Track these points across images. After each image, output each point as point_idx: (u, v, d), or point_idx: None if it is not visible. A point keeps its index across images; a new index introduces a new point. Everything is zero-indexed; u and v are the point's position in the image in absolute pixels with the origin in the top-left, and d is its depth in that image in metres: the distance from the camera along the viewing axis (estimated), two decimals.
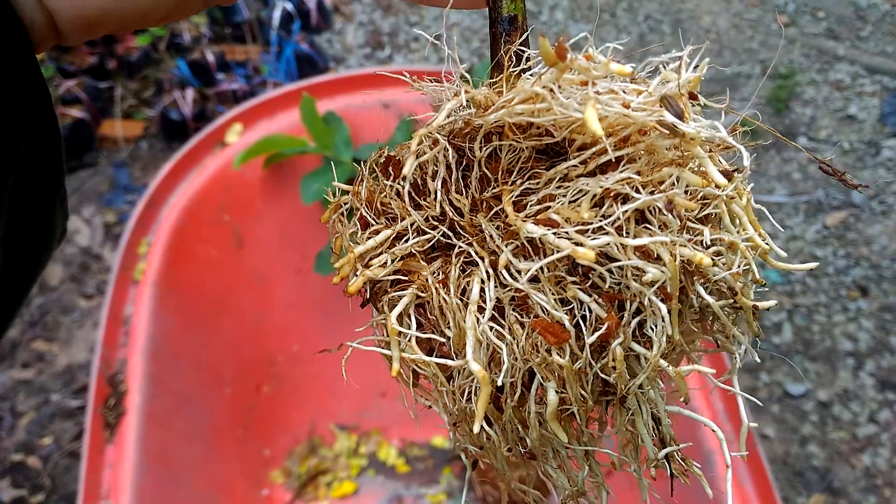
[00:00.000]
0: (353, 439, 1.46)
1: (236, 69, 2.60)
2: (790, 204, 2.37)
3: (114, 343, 1.21)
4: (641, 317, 0.35)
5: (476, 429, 0.35)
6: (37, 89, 0.35)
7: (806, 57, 2.86)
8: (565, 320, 0.34)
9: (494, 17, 0.39)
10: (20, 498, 1.73)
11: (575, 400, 0.36)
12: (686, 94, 0.36)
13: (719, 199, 0.36)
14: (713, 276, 0.36)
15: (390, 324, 0.36)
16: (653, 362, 0.35)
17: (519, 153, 0.36)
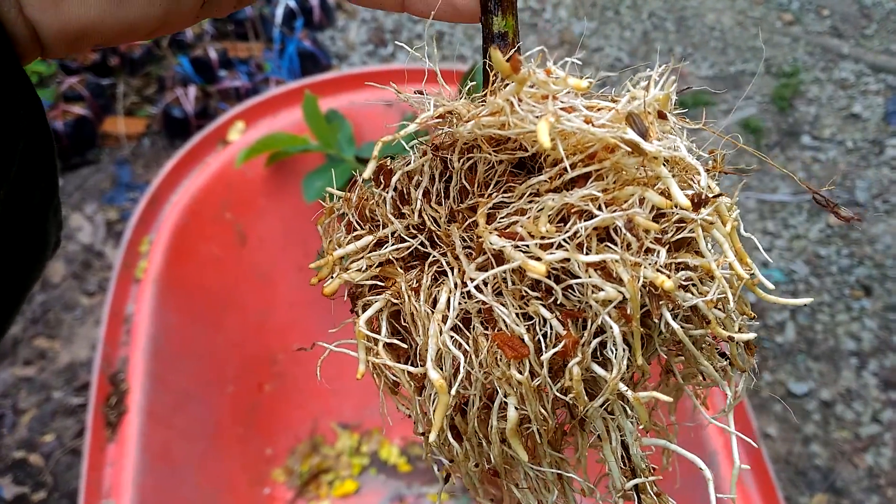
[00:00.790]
0: (354, 438, 1.46)
1: (239, 66, 2.60)
2: (794, 203, 2.36)
3: (115, 341, 1.20)
4: (603, 337, 0.34)
5: (432, 438, 0.36)
6: (27, 101, 0.35)
7: (810, 55, 2.85)
8: (524, 335, 0.34)
9: (486, 34, 0.39)
10: (22, 495, 1.73)
11: (535, 418, 0.36)
12: (653, 113, 0.34)
13: (695, 224, 0.35)
14: (682, 303, 0.35)
15: (358, 327, 0.37)
16: (610, 385, 0.34)
17: (496, 166, 0.36)
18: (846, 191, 2.39)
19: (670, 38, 2.95)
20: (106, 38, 0.36)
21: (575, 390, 0.34)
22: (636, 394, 0.35)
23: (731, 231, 0.36)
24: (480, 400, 0.36)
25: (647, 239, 0.34)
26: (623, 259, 0.33)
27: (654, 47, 2.91)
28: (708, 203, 0.35)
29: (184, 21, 0.38)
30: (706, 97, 2.69)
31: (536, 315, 0.34)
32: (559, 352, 0.34)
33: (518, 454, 0.36)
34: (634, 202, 0.34)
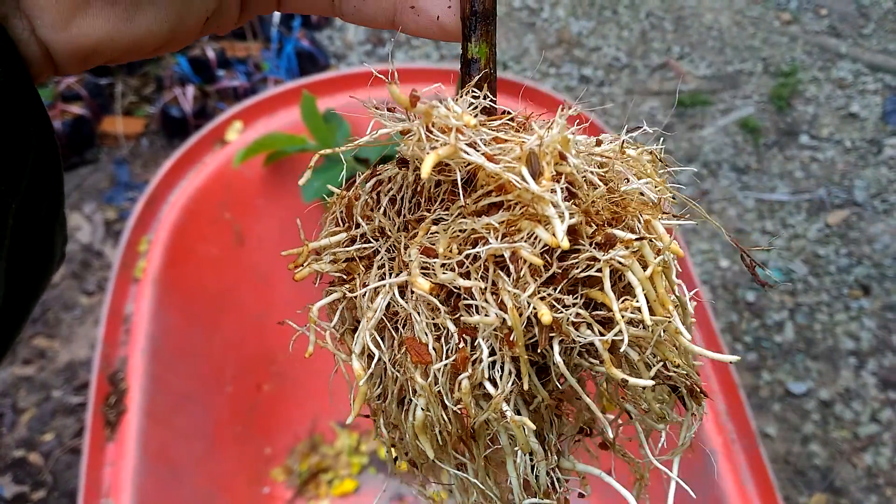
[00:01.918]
0: (353, 437, 1.46)
1: (237, 66, 2.60)
2: (792, 202, 2.36)
3: (114, 341, 1.20)
4: (495, 358, 0.36)
5: (349, 421, 0.39)
6: (38, 118, 0.36)
7: (808, 55, 2.85)
8: (429, 343, 0.36)
9: (462, 58, 0.42)
10: (21, 494, 1.73)
11: (436, 421, 0.38)
12: (551, 153, 0.36)
13: (604, 263, 0.36)
14: (577, 338, 0.36)
15: (310, 313, 0.40)
16: (492, 404, 0.36)
17: (441, 184, 0.38)
18: (844, 190, 2.39)
19: (668, 38, 2.95)
20: (115, 55, 0.37)
21: (463, 402, 0.36)
22: (515, 416, 0.36)
23: (651, 275, 0.36)
24: (395, 396, 0.39)
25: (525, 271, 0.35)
26: (503, 288, 0.35)
27: (652, 47, 2.91)
28: (615, 245, 0.36)
29: (188, 37, 0.39)
30: (704, 97, 2.69)
31: (444, 327, 0.36)
32: (454, 364, 0.36)
33: (426, 450, 0.39)
34: (528, 236, 0.35)
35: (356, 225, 0.40)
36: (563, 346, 0.36)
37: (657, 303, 0.36)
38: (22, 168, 0.36)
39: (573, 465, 0.42)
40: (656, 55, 2.88)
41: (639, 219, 0.37)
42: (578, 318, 0.36)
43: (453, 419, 0.38)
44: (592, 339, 0.35)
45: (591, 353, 0.37)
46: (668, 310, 0.36)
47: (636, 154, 0.41)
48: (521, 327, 0.35)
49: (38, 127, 0.36)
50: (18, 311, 0.41)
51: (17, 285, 0.39)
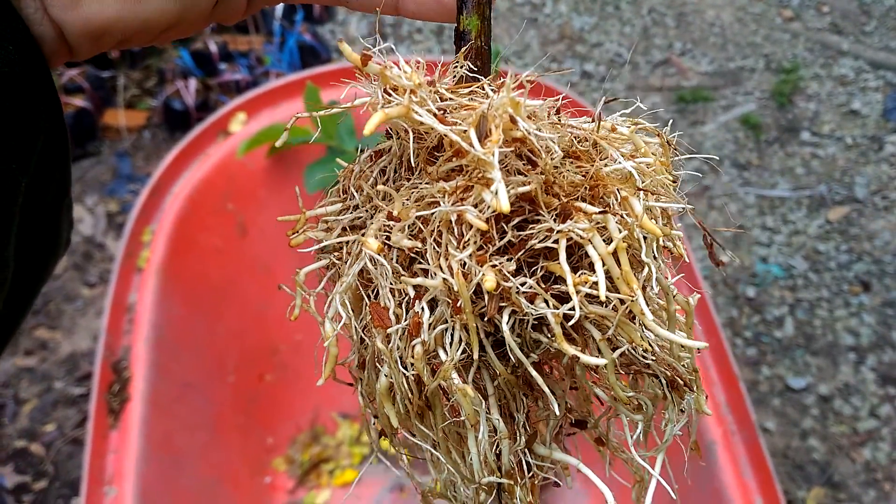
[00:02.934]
0: (355, 428, 1.47)
1: (239, 59, 2.60)
2: (793, 198, 2.37)
3: (118, 330, 1.21)
4: (446, 326, 0.36)
5: (319, 383, 0.40)
6: (49, 99, 0.36)
7: (810, 51, 2.85)
8: (390, 308, 0.36)
9: (455, 31, 0.41)
10: (23, 484, 1.74)
11: (398, 387, 0.37)
12: (500, 116, 0.35)
13: (561, 234, 0.35)
14: (527, 309, 0.35)
15: (298, 277, 0.41)
16: (441, 371, 0.36)
17: (419, 153, 0.38)
18: (845, 187, 2.39)
19: (670, 34, 2.95)
20: (126, 35, 0.38)
21: (416, 368, 0.36)
22: (459, 384, 0.36)
23: (614, 250, 0.35)
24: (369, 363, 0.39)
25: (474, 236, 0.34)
26: (448, 251, 0.34)
27: (654, 42, 2.91)
28: (572, 216, 0.35)
29: (197, 21, 0.40)
30: (706, 93, 2.69)
31: (405, 292, 0.36)
32: (409, 329, 0.36)
33: (390, 417, 0.39)
34: (476, 200, 0.35)
35: (350, 196, 0.40)
36: (515, 317, 0.35)
37: (621, 280, 0.35)
38: (32, 147, 0.36)
39: (550, 452, 0.40)
40: (658, 51, 2.88)
41: (615, 195, 0.36)
42: (530, 289, 0.34)
43: (414, 387, 0.37)
44: (544, 312, 0.34)
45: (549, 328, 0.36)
46: (633, 289, 0.34)
47: (628, 132, 0.40)
48: (467, 293, 0.34)
49: (49, 108, 0.36)
50: (25, 294, 0.41)
51: (23, 267, 0.39)
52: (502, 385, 0.38)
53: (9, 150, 0.34)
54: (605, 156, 0.38)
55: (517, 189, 0.35)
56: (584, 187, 0.36)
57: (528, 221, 0.35)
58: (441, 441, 0.40)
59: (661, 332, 0.36)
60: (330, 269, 0.41)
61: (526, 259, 0.35)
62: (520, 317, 0.35)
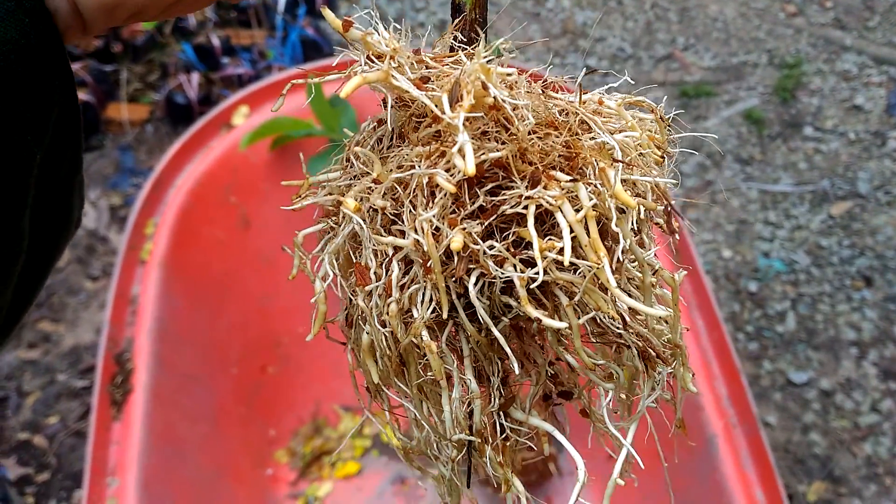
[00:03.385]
0: (357, 420, 1.47)
1: (242, 54, 2.60)
2: (795, 193, 2.37)
3: (121, 322, 1.21)
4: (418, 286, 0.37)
5: (308, 338, 0.42)
6: (63, 73, 0.37)
7: (813, 47, 2.85)
8: (371, 267, 0.38)
9: (451, 4, 0.43)
10: (26, 476, 1.74)
11: (377, 344, 0.39)
12: (472, 82, 0.35)
13: (530, 201, 0.35)
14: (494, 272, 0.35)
15: (297, 238, 0.43)
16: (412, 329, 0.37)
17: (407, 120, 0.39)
18: (848, 182, 2.39)
19: (673, 29, 2.95)
20: (138, 7, 0.38)
21: (391, 326, 0.37)
22: (426, 340, 0.37)
23: (583, 218, 0.35)
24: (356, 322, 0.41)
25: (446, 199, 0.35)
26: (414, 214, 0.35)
27: (657, 37, 2.91)
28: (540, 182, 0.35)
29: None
30: (708, 88, 2.69)
31: (386, 252, 0.37)
32: (386, 288, 0.37)
33: (372, 373, 0.40)
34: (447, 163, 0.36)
35: (351, 164, 0.41)
36: (484, 280, 0.36)
37: (588, 248, 0.35)
38: (46, 120, 0.36)
39: (527, 417, 0.41)
40: (661, 46, 2.88)
41: (593, 166, 0.36)
42: (498, 253, 0.35)
43: (391, 344, 0.38)
44: (510, 275, 0.35)
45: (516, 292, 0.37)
46: (600, 256, 0.35)
47: (615, 106, 0.40)
48: (436, 252, 0.35)
49: (62, 81, 0.37)
50: (38, 271, 0.41)
51: (36, 243, 0.40)
52: (475, 347, 0.39)
53: (25, 120, 0.35)
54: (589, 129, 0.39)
55: (488, 155, 0.35)
56: (561, 157, 0.37)
57: (501, 188, 0.36)
58: (416, 397, 0.41)
59: (626, 299, 0.36)
60: (329, 234, 0.42)
61: (498, 224, 0.36)
62: (489, 279, 0.36)
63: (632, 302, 0.37)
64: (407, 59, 0.37)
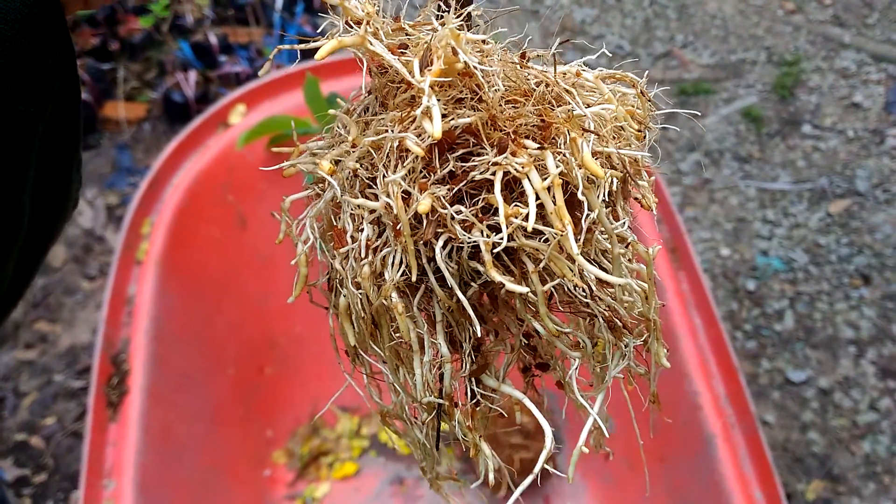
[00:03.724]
0: (354, 421, 1.47)
1: (239, 51, 2.59)
2: (794, 191, 2.36)
3: (117, 322, 1.21)
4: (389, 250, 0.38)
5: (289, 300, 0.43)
6: (64, 47, 0.37)
7: (812, 44, 2.84)
8: (348, 230, 0.39)
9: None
10: (23, 477, 1.74)
11: (352, 306, 0.40)
12: (443, 48, 0.36)
13: (498, 167, 0.36)
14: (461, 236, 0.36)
15: (283, 204, 0.44)
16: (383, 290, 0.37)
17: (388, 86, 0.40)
18: (846, 180, 2.39)
19: (671, 26, 2.94)
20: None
21: (364, 288, 0.38)
22: (395, 301, 0.37)
23: (550, 185, 0.35)
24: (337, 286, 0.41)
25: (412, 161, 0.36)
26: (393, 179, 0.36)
27: (656, 35, 2.91)
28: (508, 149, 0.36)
29: None
30: (707, 85, 2.68)
31: (360, 217, 0.38)
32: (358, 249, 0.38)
33: (348, 335, 0.41)
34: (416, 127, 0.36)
35: (338, 132, 0.42)
36: (453, 244, 0.36)
37: (554, 215, 0.36)
38: (48, 92, 0.36)
39: (499, 385, 0.41)
40: (660, 43, 2.87)
41: (565, 136, 0.37)
42: (465, 218, 0.36)
43: (365, 305, 0.39)
44: (476, 240, 0.35)
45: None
46: (564, 224, 0.35)
47: (592, 78, 0.40)
48: (405, 215, 0.35)
49: (64, 53, 0.37)
50: (35, 251, 0.41)
51: (35, 222, 0.39)
52: (447, 312, 0.40)
53: (28, 92, 0.34)
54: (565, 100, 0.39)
55: (457, 120, 0.36)
56: (534, 126, 0.37)
57: (472, 154, 0.36)
58: (390, 360, 0.41)
59: (589, 267, 0.37)
60: (315, 200, 0.43)
61: (468, 190, 0.36)
62: (457, 244, 0.37)
63: (595, 270, 0.37)
64: (383, 25, 0.38)
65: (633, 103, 0.42)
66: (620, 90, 0.43)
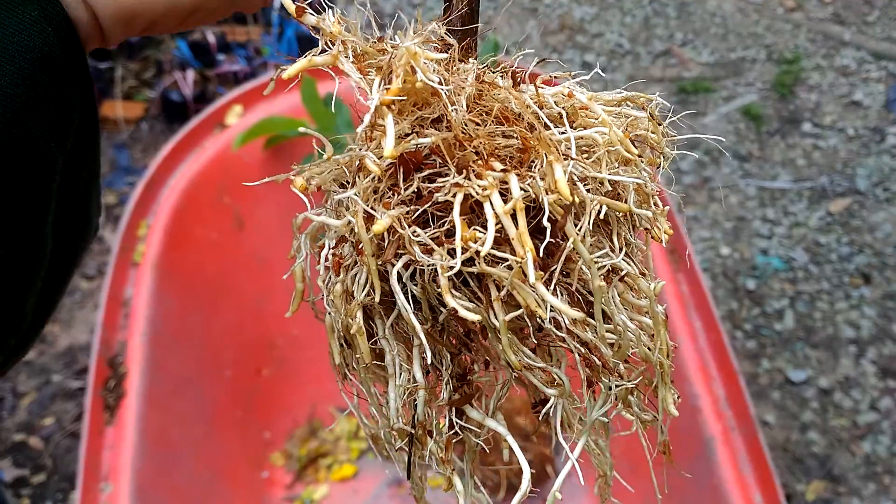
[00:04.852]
0: (353, 422, 1.46)
1: (237, 50, 2.58)
2: (794, 190, 2.36)
3: (114, 325, 1.20)
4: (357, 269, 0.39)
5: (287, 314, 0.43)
6: (84, 82, 0.38)
7: (812, 42, 2.83)
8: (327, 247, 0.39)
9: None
10: (21, 477, 1.74)
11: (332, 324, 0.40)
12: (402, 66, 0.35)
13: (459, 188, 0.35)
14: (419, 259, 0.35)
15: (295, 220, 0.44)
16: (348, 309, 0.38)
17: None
18: (846, 178, 2.38)
19: (671, 24, 2.93)
20: (154, 17, 0.39)
21: (335, 305, 0.38)
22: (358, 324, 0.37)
23: (509, 210, 0.34)
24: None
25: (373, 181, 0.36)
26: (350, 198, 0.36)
27: (655, 33, 2.90)
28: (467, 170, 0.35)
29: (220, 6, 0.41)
30: (707, 84, 2.68)
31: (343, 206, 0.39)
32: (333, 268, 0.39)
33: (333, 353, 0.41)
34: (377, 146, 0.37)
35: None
36: (416, 266, 0.36)
37: (516, 241, 0.34)
38: (68, 127, 0.37)
39: (483, 418, 0.40)
40: (659, 42, 2.86)
41: (543, 159, 0.35)
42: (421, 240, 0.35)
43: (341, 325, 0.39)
44: (432, 262, 0.34)
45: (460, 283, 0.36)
46: (524, 251, 0.34)
47: (586, 99, 0.39)
48: (365, 234, 0.35)
49: (83, 89, 0.38)
50: (59, 279, 0.42)
51: (58, 250, 0.40)
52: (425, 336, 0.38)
53: (47, 126, 0.36)
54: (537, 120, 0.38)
55: (417, 140, 0.35)
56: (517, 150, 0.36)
57: (439, 175, 0.36)
58: (365, 381, 0.41)
59: (549, 297, 0.34)
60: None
61: (434, 212, 0.36)
62: (419, 266, 0.36)
63: (554, 301, 0.35)
64: (352, 44, 0.38)
65: (647, 127, 0.41)
66: (632, 113, 0.41)
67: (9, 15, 0.34)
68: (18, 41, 0.34)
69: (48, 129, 0.36)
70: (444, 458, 0.40)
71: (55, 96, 0.36)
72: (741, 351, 1.98)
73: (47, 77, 0.35)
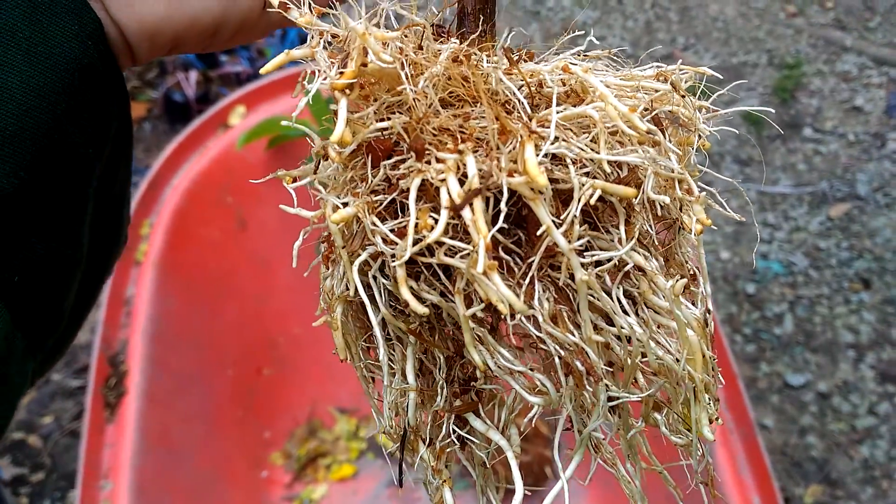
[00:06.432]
0: (352, 423, 1.47)
1: (240, 51, 2.59)
2: (794, 195, 2.36)
3: (115, 324, 1.21)
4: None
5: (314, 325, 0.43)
6: (120, 93, 0.40)
7: (813, 47, 2.84)
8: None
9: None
10: (21, 476, 1.74)
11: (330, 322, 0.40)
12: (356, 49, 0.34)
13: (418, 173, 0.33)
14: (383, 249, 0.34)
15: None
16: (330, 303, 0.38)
17: None
18: (847, 184, 2.39)
19: (673, 29, 2.94)
20: (176, 34, 0.40)
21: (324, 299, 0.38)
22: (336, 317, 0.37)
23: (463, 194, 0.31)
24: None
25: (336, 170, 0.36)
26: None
27: (657, 37, 2.90)
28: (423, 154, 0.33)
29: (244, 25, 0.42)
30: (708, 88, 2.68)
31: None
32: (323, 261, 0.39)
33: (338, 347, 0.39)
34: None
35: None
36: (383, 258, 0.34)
37: (471, 226, 0.31)
38: (105, 136, 0.39)
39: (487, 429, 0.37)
40: (661, 46, 2.87)
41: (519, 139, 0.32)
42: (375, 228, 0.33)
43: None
44: (388, 251, 0.33)
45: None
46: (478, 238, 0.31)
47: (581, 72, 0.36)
48: (334, 226, 0.34)
49: (120, 99, 0.39)
50: (91, 287, 0.44)
51: (92, 256, 0.42)
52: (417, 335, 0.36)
53: (87, 134, 0.37)
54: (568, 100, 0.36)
55: (375, 125, 0.34)
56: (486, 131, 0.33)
57: (404, 161, 0.34)
58: (363, 379, 0.40)
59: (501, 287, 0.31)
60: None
61: (402, 200, 0.33)
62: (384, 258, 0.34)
63: (507, 294, 0.31)
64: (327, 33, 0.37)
65: (677, 102, 0.37)
66: (654, 87, 0.38)
67: (53, 27, 0.35)
68: (61, 52, 0.35)
69: (87, 136, 0.37)
70: (435, 467, 0.37)
71: (94, 105, 0.37)
72: (740, 354, 1.98)
73: (87, 87, 0.37)
